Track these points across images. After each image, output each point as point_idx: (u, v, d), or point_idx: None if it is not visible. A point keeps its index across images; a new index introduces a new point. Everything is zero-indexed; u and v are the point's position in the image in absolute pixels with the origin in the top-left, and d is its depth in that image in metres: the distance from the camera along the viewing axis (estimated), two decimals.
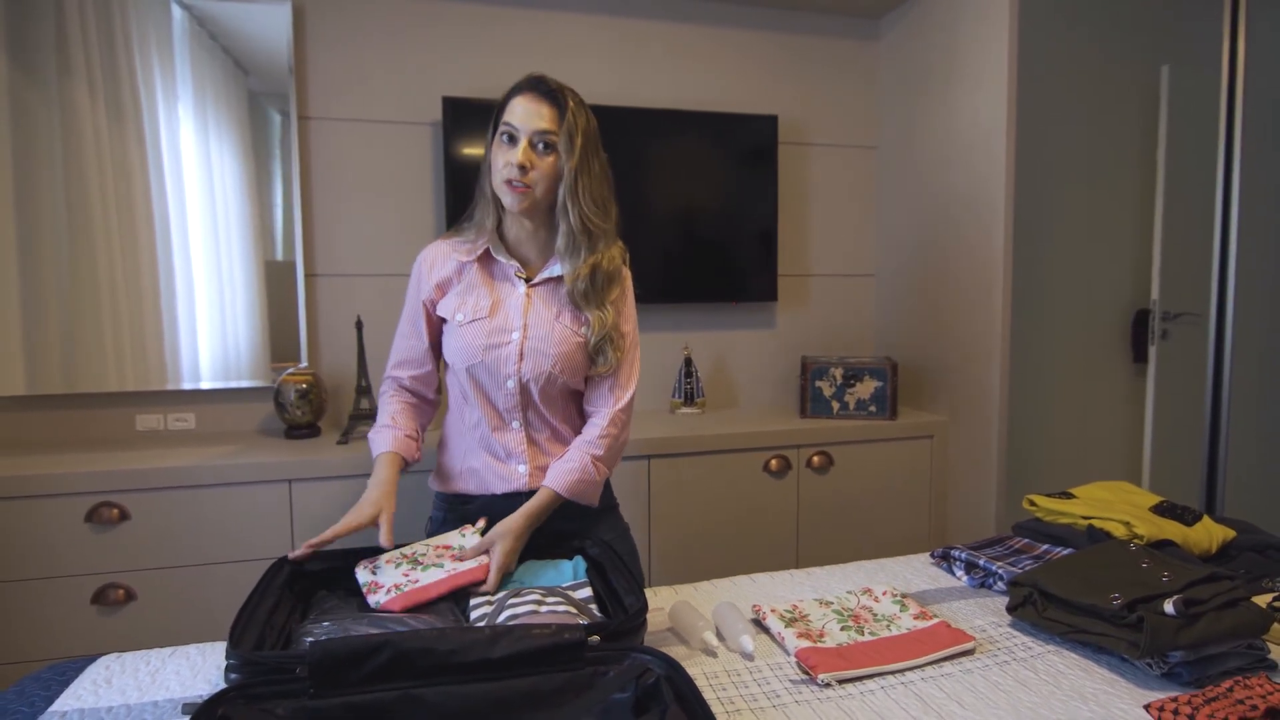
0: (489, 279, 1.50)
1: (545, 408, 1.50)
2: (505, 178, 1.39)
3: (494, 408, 1.50)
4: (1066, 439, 3.21)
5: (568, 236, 1.44)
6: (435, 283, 1.50)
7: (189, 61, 2.41)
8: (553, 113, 1.39)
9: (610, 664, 0.97)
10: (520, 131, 1.38)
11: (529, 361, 1.46)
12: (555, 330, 1.47)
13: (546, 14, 2.73)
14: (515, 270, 1.49)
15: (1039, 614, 1.21)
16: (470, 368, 1.46)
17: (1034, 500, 1.61)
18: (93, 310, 2.36)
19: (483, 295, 1.47)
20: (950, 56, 2.67)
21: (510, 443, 1.51)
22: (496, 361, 1.45)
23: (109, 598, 2.06)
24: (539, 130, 1.38)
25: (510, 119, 1.39)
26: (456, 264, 1.49)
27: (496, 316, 1.46)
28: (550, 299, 1.49)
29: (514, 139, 1.39)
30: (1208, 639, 1.03)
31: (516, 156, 1.37)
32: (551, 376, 1.47)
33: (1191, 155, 2.87)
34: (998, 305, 2.48)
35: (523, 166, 1.37)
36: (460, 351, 1.47)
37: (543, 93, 1.40)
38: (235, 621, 1.05)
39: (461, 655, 0.96)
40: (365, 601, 1.23)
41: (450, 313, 1.48)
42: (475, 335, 1.46)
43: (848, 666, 1.08)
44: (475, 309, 1.46)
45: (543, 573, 1.34)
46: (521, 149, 1.37)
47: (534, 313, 1.47)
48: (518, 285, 1.49)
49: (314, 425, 2.43)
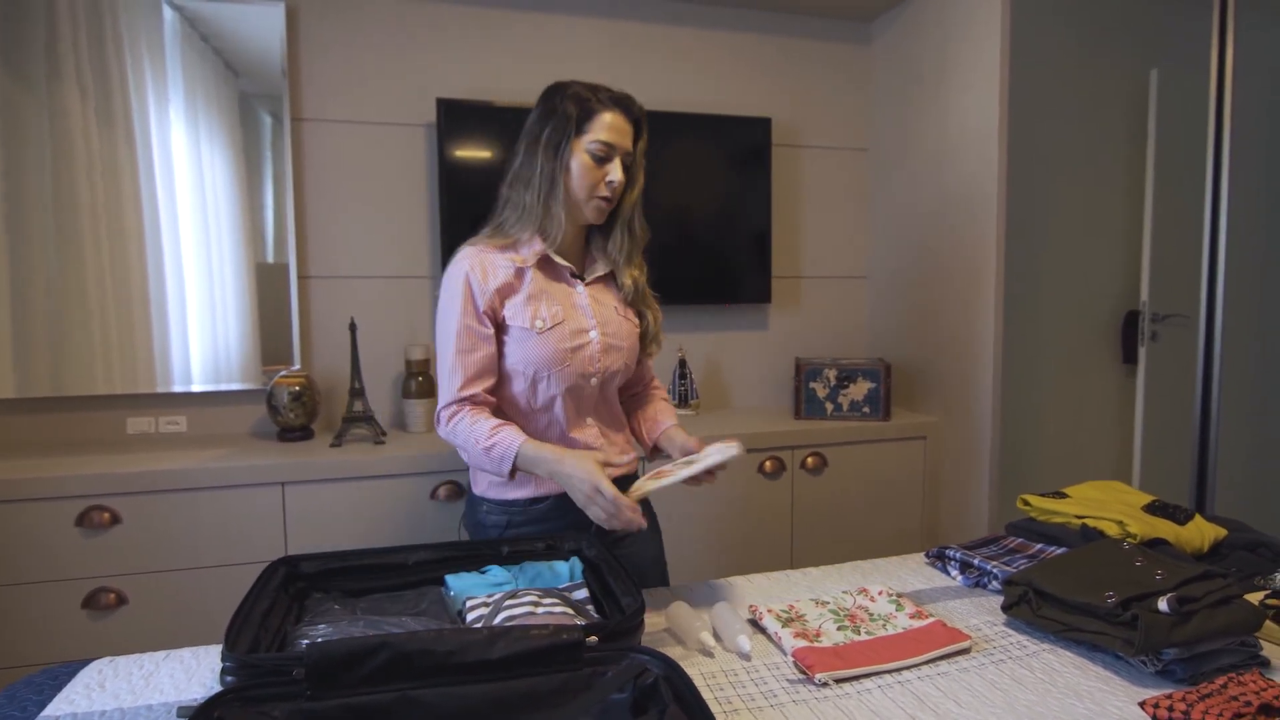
0: (549, 283, 1.49)
1: (610, 398, 1.58)
2: (602, 194, 1.45)
3: (573, 407, 1.51)
4: (1058, 439, 3.22)
5: (628, 245, 1.53)
6: (494, 288, 1.44)
7: (180, 64, 2.40)
8: (633, 132, 1.48)
9: (608, 664, 0.97)
10: (615, 150, 1.44)
11: (610, 356, 1.51)
12: (623, 324, 1.54)
13: (541, 16, 2.73)
14: (571, 271, 1.51)
15: (1034, 613, 1.21)
16: (557, 373, 1.46)
17: (1027, 500, 1.61)
18: (82, 313, 2.35)
19: (552, 299, 1.47)
20: (942, 59, 2.68)
21: (588, 438, 1.53)
22: (582, 362, 1.48)
23: (100, 602, 2.05)
24: (628, 151, 1.46)
25: (603, 136, 1.43)
26: (511, 269, 1.45)
27: (571, 319, 1.48)
28: (604, 295, 1.55)
29: (607, 157, 1.44)
30: (1201, 636, 1.04)
31: (618, 175, 1.44)
32: (626, 367, 1.56)
33: (1181, 157, 2.90)
34: (990, 306, 2.50)
35: (619, 185, 1.45)
36: (546, 359, 1.45)
37: (630, 114, 1.47)
38: (231, 624, 1.05)
39: (460, 656, 0.95)
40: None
41: (526, 320, 1.44)
42: (559, 340, 1.45)
43: (844, 666, 1.09)
44: (551, 315, 1.45)
45: (539, 574, 1.33)
46: (619, 167, 1.44)
47: (600, 309, 1.52)
48: (576, 285, 1.52)
49: (307, 428, 2.42)
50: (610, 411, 1.59)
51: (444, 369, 1.45)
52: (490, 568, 1.36)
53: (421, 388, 2.51)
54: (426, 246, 2.66)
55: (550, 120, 1.45)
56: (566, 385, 1.47)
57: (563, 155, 1.44)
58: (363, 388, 2.42)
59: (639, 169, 1.50)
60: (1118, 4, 3.17)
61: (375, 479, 2.21)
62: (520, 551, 1.41)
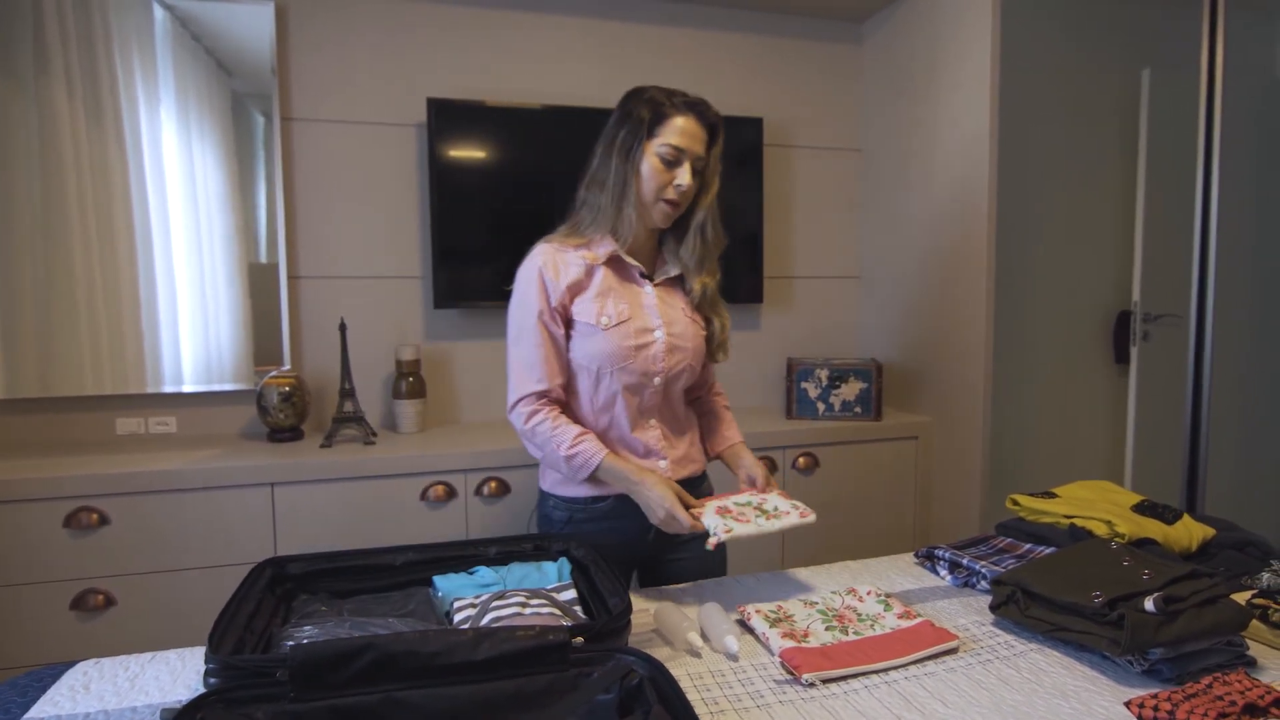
0: (618, 281, 1.51)
1: (674, 400, 1.58)
2: (669, 197, 1.46)
3: (636, 407, 1.52)
4: (1050, 439, 3.23)
5: (700, 251, 1.54)
6: (565, 285, 1.47)
7: (171, 63, 2.39)
8: (707, 137, 1.48)
9: (594, 665, 0.97)
10: (685, 154, 1.45)
11: (675, 356, 1.52)
12: (689, 326, 1.55)
13: (531, 16, 2.73)
14: (640, 271, 1.53)
15: (1022, 613, 1.21)
16: (619, 370, 1.48)
17: (1017, 500, 1.62)
18: (71, 313, 2.34)
19: (619, 297, 1.49)
20: (933, 60, 2.68)
21: (649, 439, 1.54)
22: (646, 360, 1.49)
23: (88, 603, 2.04)
24: (699, 156, 1.46)
25: (674, 140, 1.44)
26: (582, 267, 1.48)
27: (638, 317, 1.50)
28: (672, 296, 1.56)
29: (678, 161, 1.45)
30: (1187, 636, 1.04)
31: (686, 179, 1.44)
32: (691, 369, 1.56)
33: (1173, 157, 2.90)
34: (981, 307, 2.50)
35: (687, 189, 1.45)
36: (609, 355, 1.47)
37: (704, 119, 1.47)
38: (215, 625, 1.04)
39: (445, 657, 0.95)
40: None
41: (592, 316, 1.47)
42: (624, 337, 1.47)
43: (832, 666, 1.08)
44: (618, 312, 1.48)
45: (527, 575, 1.33)
46: (689, 171, 1.45)
47: (667, 310, 1.54)
48: (644, 285, 1.53)
49: (297, 428, 2.41)
50: (674, 414, 1.59)
51: (518, 362, 1.48)
52: (478, 569, 1.36)
53: (412, 388, 2.51)
54: (417, 247, 2.66)
55: (625, 124, 1.47)
56: (627, 383, 1.49)
57: (634, 158, 1.46)
58: (353, 388, 2.42)
59: (714, 175, 1.51)
60: (1109, 4, 3.18)
61: (365, 480, 2.20)
62: (508, 552, 1.41)
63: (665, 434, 1.56)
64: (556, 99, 2.72)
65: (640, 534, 1.52)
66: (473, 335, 2.73)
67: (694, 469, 1.62)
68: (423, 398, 2.53)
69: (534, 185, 2.66)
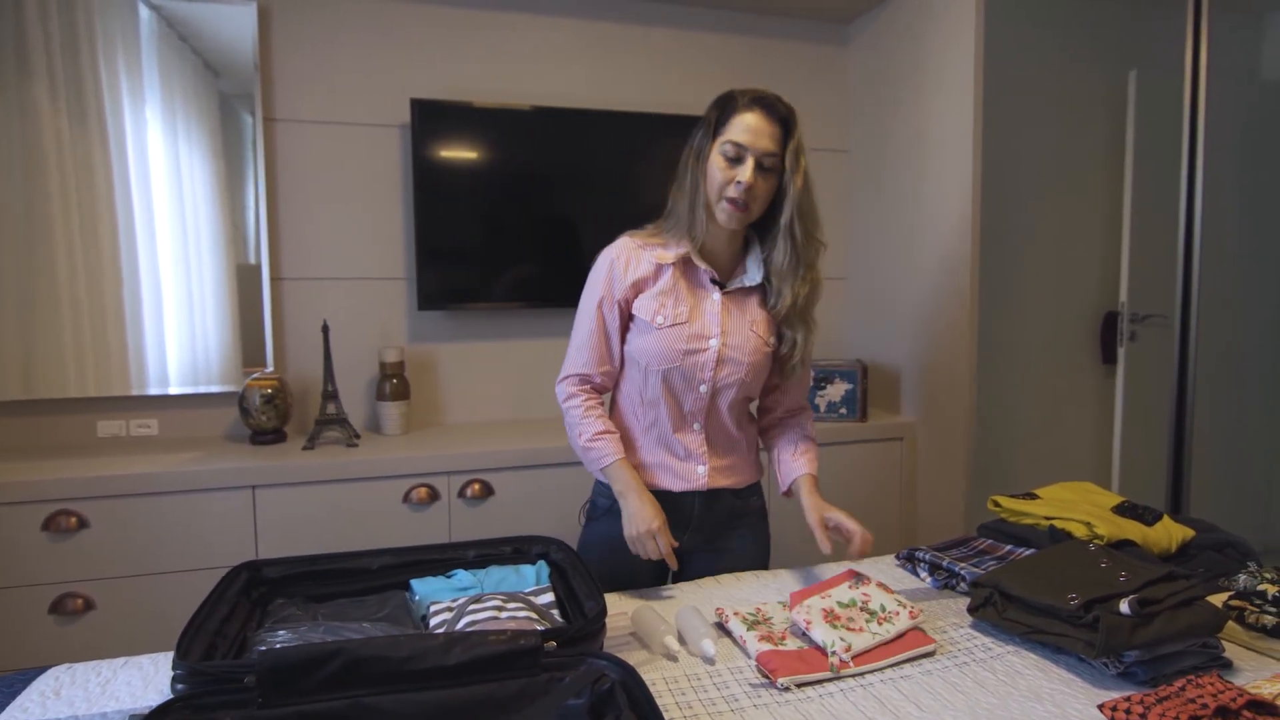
0: (685, 283, 1.49)
1: (726, 411, 1.53)
2: (729, 195, 1.40)
3: (679, 409, 1.52)
4: (1038, 440, 3.23)
5: (791, 256, 1.46)
6: (631, 281, 1.48)
7: (157, 63, 2.37)
8: (778, 132, 1.40)
9: (566, 670, 0.96)
10: (748, 151, 1.39)
11: (725, 368, 1.48)
12: (750, 340, 1.50)
13: (517, 16, 2.72)
14: (711, 277, 1.50)
15: (999, 614, 1.21)
16: (666, 371, 1.48)
17: (998, 501, 1.62)
18: (54, 315, 2.32)
19: (681, 299, 1.48)
20: (918, 61, 2.68)
21: (690, 443, 1.54)
22: (694, 367, 1.47)
23: (67, 607, 2.02)
24: (766, 152, 1.39)
25: (737, 136, 1.39)
26: (652, 265, 1.48)
27: (695, 322, 1.47)
28: (743, 307, 1.51)
29: (740, 158, 1.39)
30: (1162, 638, 1.04)
31: (746, 176, 1.38)
32: (743, 383, 1.51)
33: (1159, 158, 2.90)
34: (965, 308, 2.50)
35: (750, 188, 1.38)
36: (658, 354, 1.47)
37: (772, 113, 1.40)
38: (185, 631, 1.03)
39: (416, 663, 0.95)
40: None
41: (649, 314, 1.47)
42: (675, 339, 1.46)
43: (807, 670, 1.08)
44: (675, 313, 1.47)
45: (505, 578, 1.32)
46: (749, 169, 1.38)
47: (730, 320, 1.49)
48: (713, 292, 1.50)
49: (280, 430, 2.40)
50: (722, 427, 1.55)
51: (575, 342, 1.54)
52: (456, 572, 1.35)
53: (395, 390, 2.50)
54: (401, 248, 2.64)
55: (700, 127, 1.46)
56: (674, 384, 1.49)
57: (703, 159, 1.44)
58: (336, 390, 2.40)
59: (796, 173, 1.42)
60: (1097, 6, 3.19)
61: (347, 482, 2.19)
62: (486, 555, 1.40)
63: (710, 441, 1.55)
64: (542, 99, 2.71)
65: (676, 533, 1.51)
66: (457, 337, 2.72)
67: (736, 480, 1.59)
68: (406, 400, 2.52)
69: (518, 186, 2.65)
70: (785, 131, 1.42)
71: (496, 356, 2.76)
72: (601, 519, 1.59)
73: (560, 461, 2.33)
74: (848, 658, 1.11)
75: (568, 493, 2.20)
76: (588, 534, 1.64)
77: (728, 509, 1.58)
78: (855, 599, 1.25)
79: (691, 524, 1.56)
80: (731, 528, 1.59)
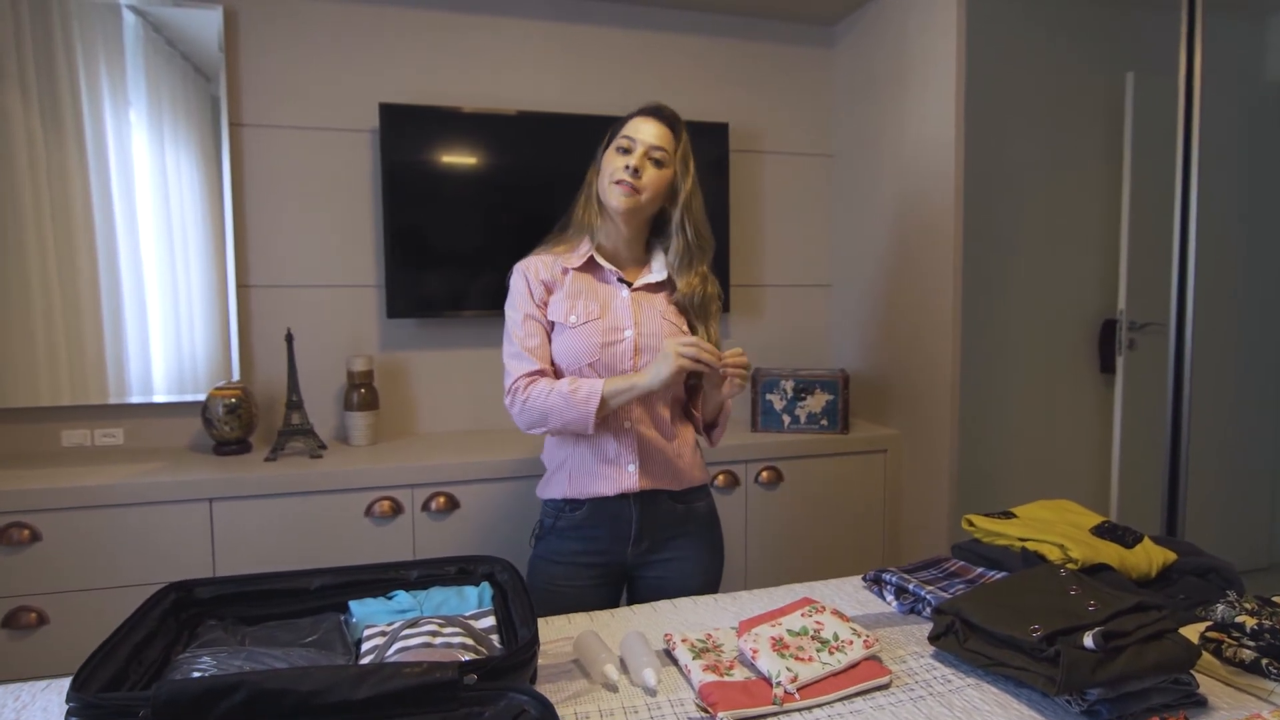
0: (593, 284, 1.57)
1: (656, 405, 1.57)
2: (617, 178, 1.50)
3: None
4: (1033, 451, 3.17)
5: (683, 251, 1.57)
6: (542, 282, 1.56)
7: (143, 68, 2.33)
8: (668, 135, 1.53)
9: (486, 704, 0.90)
10: (636, 143, 1.51)
11: (644, 356, 1.53)
12: (665, 326, 1.56)
13: (489, 19, 2.67)
14: (618, 275, 1.57)
15: (960, 645, 1.14)
16: (588, 366, 1.52)
17: (972, 520, 1.55)
18: (25, 323, 2.27)
19: (590, 299, 1.55)
20: (902, 64, 2.62)
21: (620, 442, 1.55)
22: (614, 358, 1.52)
23: (20, 621, 1.97)
24: (654, 145, 1.51)
25: (629, 133, 1.52)
26: (558, 269, 1.57)
27: (607, 317, 1.54)
28: (652, 301, 1.58)
29: (629, 149, 1.51)
30: (1129, 674, 0.97)
31: (634, 160, 1.49)
32: None
33: (1159, 162, 2.84)
34: (948, 315, 2.43)
35: (636, 170, 1.48)
36: (576, 351, 1.52)
37: (661, 117, 1.54)
38: (89, 658, 0.97)
39: (323, 697, 0.89)
40: None
41: (563, 315, 1.54)
42: (591, 334, 1.52)
43: (751, 704, 1.01)
44: (587, 310, 1.53)
45: (446, 600, 1.26)
46: (639, 154, 1.50)
47: (641, 312, 1.56)
48: (621, 289, 1.57)
49: (244, 441, 2.34)
50: (651, 424, 1.58)
51: (510, 351, 1.56)
52: (396, 593, 1.29)
53: (364, 399, 2.44)
54: (371, 254, 2.59)
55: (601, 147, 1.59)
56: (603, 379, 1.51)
57: (599, 163, 1.57)
58: (300, 400, 2.34)
59: (686, 175, 1.54)
60: (1093, 7, 3.13)
61: (308, 494, 2.13)
62: (430, 575, 1.34)
63: (639, 439, 1.55)
64: (516, 104, 2.66)
65: (619, 544, 1.56)
66: (429, 345, 2.66)
67: (673, 482, 1.59)
68: (375, 409, 2.46)
69: (491, 192, 2.59)
70: (674, 135, 1.54)
71: (469, 366, 2.70)
72: (549, 538, 1.58)
73: (528, 474, 2.27)
74: (793, 689, 1.04)
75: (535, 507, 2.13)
76: (536, 553, 1.62)
77: (668, 513, 1.59)
78: (807, 627, 1.18)
79: (632, 533, 1.55)
80: (675, 534, 1.60)
